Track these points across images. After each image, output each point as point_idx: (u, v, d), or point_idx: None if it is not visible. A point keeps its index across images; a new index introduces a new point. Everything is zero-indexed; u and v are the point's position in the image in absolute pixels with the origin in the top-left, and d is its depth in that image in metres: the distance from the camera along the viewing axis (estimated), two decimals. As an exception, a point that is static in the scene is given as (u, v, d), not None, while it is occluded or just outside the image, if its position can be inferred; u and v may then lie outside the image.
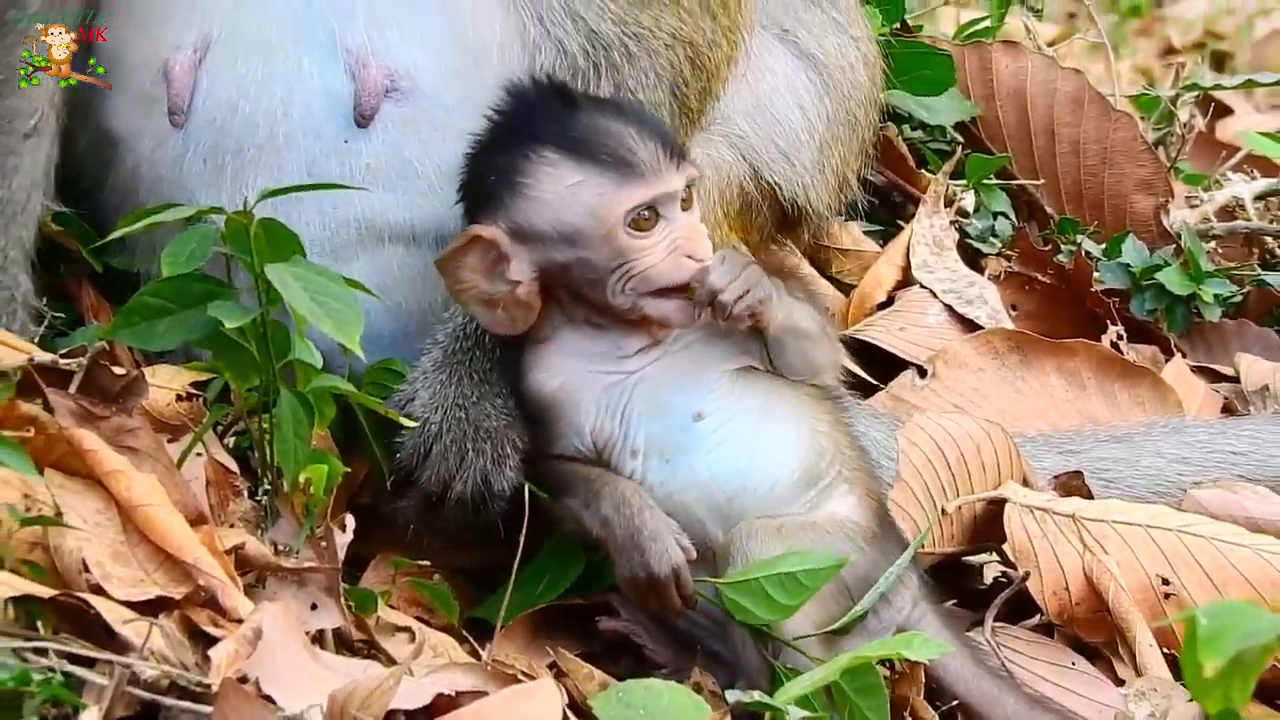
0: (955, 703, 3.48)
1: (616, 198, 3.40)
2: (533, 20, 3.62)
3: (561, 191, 3.41)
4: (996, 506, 3.80)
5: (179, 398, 3.49)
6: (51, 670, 2.91)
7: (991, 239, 4.66)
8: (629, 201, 3.40)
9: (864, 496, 3.50)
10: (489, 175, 3.46)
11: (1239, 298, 4.78)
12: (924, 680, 3.49)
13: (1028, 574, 3.73)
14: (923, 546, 3.73)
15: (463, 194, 3.54)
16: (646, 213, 3.41)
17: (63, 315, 3.76)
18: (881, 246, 4.54)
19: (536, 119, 3.44)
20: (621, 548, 3.41)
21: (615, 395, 3.48)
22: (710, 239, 3.47)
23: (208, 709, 2.91)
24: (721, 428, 3.46)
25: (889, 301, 4.46)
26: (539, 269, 3.45)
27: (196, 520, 3.22)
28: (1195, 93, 5.21)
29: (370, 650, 3.35)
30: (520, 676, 3.32)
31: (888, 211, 4.70)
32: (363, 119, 3.59)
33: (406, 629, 3.41)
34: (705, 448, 3.46)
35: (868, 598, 3.42)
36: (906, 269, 4.48)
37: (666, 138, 3.46)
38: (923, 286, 4.44)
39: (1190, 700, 3.39)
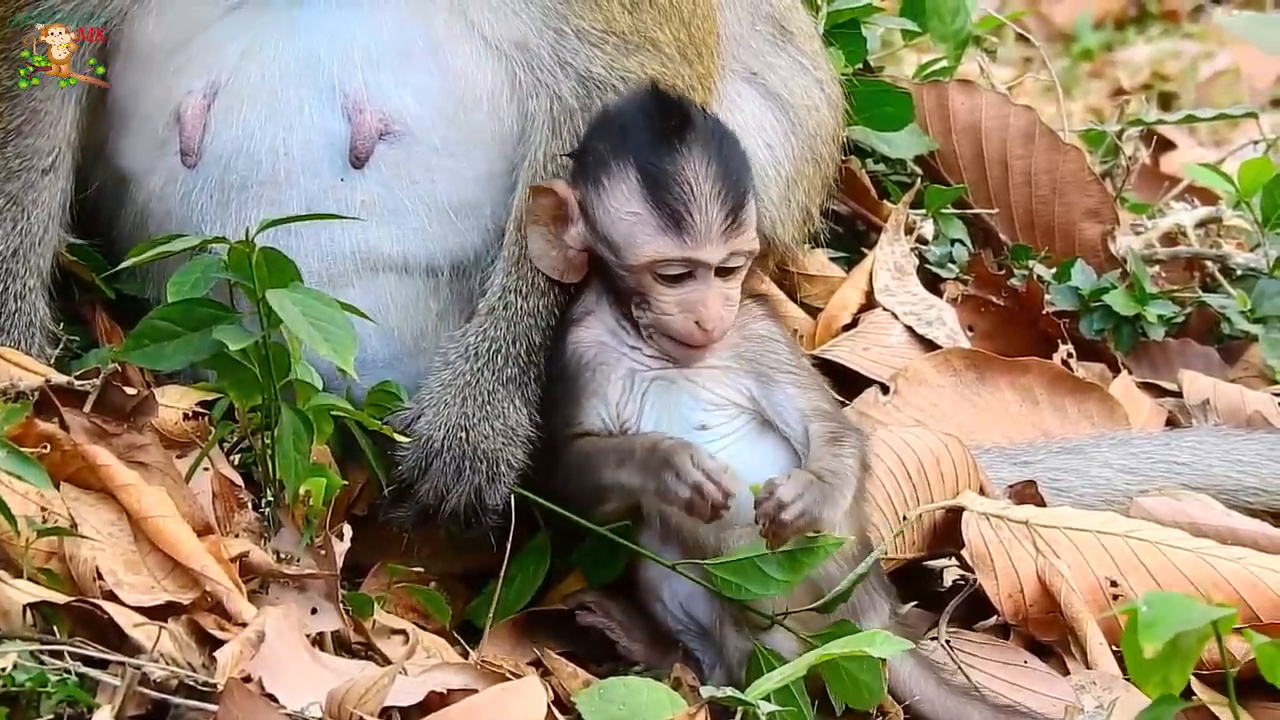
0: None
1: (652, 244, 3.41)
2: (523, 69, 3.61)
3: (622, 212, 3.44)
4: (955, 514, 3.79)
5: (186, 416, 3.48)
6: (67, 672, 2.91)
7: (949, 264, 4.65)
8: (660, 253, 3.41)
9: (851, 516, 3.48)
10: (592, 153, 3.49)
11: (1181, 318, 4.77)
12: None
13: (975, 580, 3.72)
14: (886, 552, 3.73)
15: (579, 146, 3.55)
16: (678, 268, 3.41)
17: (77, 339, 3.75)
18: (846, 272, 4.52)
19: (644, 136, 3.44)
20: (650, 469, 3.34)
21: (635, 382, 3.49)
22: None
23: (214, 707, 2.91)
24: (722, 439, 3.47)
25: (854, 323, 4.44)
26: (588, 249, 3.49)
27: (203, 530, 3.23)
28: (1140, 128, 5.21)
29: (367, 651, 3.35)
30: (508, 675, 3.30)
31: (852, 239, 4.69)
32: (358, 160, 3.58)
33: (401, 631, 3.41)
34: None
35: (848, 579, 3.41)
36: (870, 293, 4.46)
37: (735, 209, 3.42)
38: (885, 309, 4.42)
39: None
